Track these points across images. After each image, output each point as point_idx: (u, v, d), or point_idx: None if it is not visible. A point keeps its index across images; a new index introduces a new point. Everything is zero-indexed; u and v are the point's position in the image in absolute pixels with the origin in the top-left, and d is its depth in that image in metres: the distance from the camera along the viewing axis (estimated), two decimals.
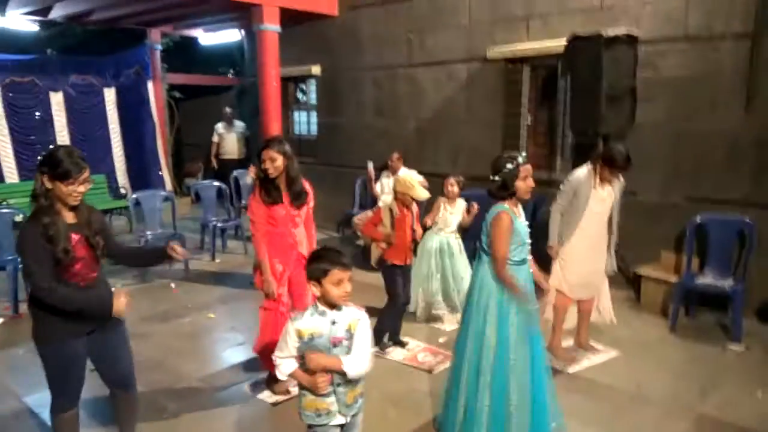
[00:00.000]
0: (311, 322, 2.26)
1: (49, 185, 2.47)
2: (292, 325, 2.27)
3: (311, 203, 3.73)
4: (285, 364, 2.32)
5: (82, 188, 2.52)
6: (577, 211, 3.99)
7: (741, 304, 4.52)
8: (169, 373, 4.08)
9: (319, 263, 2.25)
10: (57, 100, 8.68)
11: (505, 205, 2.91)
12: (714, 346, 4.46)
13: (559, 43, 5.47)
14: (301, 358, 2.29)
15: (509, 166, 2.89)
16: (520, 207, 3.02)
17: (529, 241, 2.99)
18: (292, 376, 2.33)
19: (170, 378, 4.00)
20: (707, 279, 4.81)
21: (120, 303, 2.59)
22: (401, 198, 4.27)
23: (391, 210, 4.30)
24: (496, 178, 2.93)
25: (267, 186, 3.54)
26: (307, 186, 3.67)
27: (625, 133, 5.40)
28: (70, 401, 2.73)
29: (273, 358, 2.35)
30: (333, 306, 2.27)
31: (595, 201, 3.99)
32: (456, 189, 4.98)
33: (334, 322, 2.27)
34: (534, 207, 5.62)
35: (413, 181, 4.29)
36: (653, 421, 3.45)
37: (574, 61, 5.24)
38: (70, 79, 8.86)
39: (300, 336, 2.25)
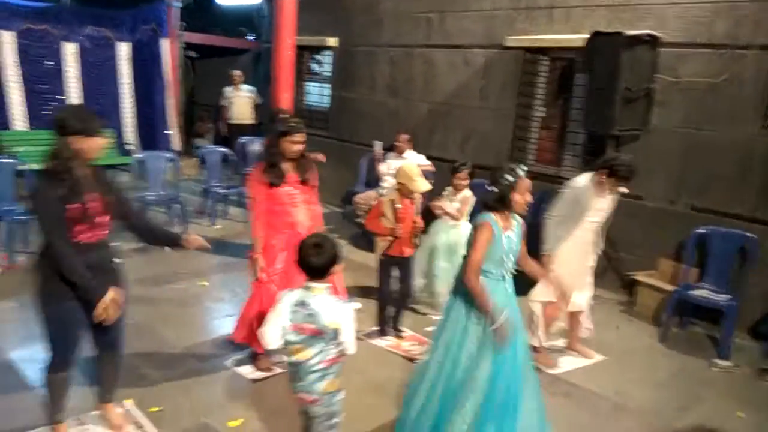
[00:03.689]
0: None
1: (81, 145, 2.50)
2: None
3: (315, 183, 3.72)
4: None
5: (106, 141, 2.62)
6: (574, 219, 3.91)
7: (734, 320, 4.47)
8: (153, 339, 4.10)
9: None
10: (71, 50, 8.57)
11: (492, 215, 2.83)
12: (702, 360, 4.42)
13: (580, 37, 5.34)
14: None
15: (509, 178, 2.78)
16: (514, 220, 2.92)
17: (512, 259, 2.90)
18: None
19: (154, 344, 4.02)
20: (703, 291, 4.75)
21: (105, 301, 2.60)
22: (401, 188, 4.14)
23: (392, 201, 4.16)
24: (494, 189, 2.82)
25: (273, 167, 3.53)
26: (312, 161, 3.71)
27: (637, 136, 5.31)
28: (67, 362, 2.77)
29: (258, 332, 2.41)
30: None
31: (594, 210, 3.91)
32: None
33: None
34: (539, 202, 5.52)
35: (413, 172, 4.11)
36: None
37: (593, 58, 5.11)
38: (86, 30, 8.72)
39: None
